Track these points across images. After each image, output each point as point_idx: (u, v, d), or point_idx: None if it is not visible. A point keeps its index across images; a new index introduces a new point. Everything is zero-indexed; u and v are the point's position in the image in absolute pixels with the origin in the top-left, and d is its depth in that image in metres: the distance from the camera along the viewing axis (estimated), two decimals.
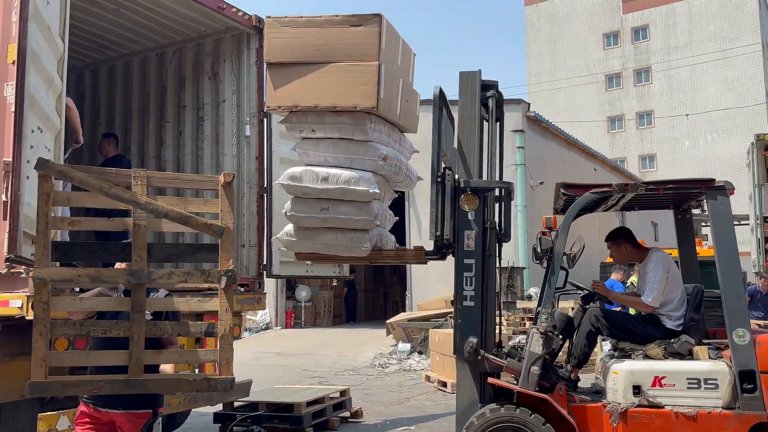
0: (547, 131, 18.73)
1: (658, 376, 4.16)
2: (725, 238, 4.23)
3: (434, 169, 4.55)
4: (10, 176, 3.98)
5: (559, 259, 4.50)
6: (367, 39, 4.54)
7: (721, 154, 42.20)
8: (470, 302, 4.57)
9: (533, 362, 4.28)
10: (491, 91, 4.79)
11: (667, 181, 4.51)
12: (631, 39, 46.37)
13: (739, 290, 4.16)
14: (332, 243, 4.69)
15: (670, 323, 4.60)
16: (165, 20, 6.52)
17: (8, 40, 4.56)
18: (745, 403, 3.96)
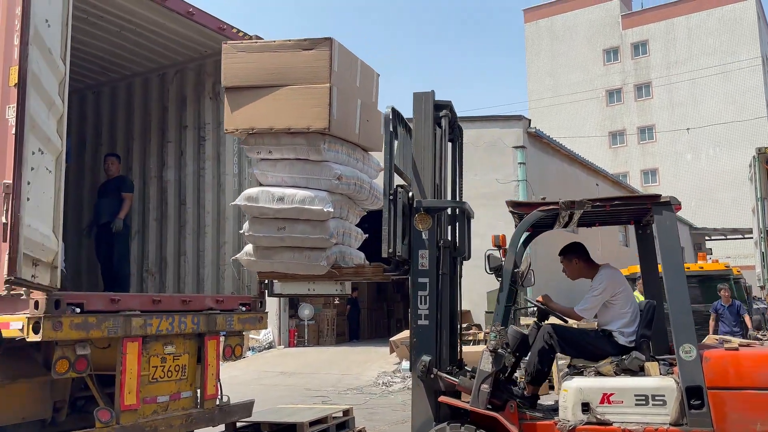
0: (548, 147, 18.75)
1: (606, 393, 4.15)
2: (671, 253, 4.23)
3: (386, 187, 4.61)
4: (11, 198, 3.98)
5: (508, 276, 4.50)
6: (318, 62, 4.72)
7: (723, 167, 42.20)
8: (425, 321, 4.58)
9: (483, 380, 4.29)
10: (444, 111, 4.84)
11: (614, 198, 4.53)
12: (631, 54, 46.59)
13: (685, 306, 4.16)
14: (290, 262, 4.81)
15: (623, 339, 4.61)
16: (167, 42, 6.57)
17: (10, 62, 4.59)
18: (692, 419, 3.94)
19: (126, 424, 5.03)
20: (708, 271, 15.34)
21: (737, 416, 3.88)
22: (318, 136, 4.71)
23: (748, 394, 3.88)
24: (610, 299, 4.73)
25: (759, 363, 3.99)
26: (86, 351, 4.86)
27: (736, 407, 3.89)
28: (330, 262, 4.86)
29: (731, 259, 29.17)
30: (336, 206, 4.87)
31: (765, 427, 3.81)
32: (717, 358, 4.04)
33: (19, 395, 5.01)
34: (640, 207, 4.53)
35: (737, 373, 3.96)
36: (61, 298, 4.63)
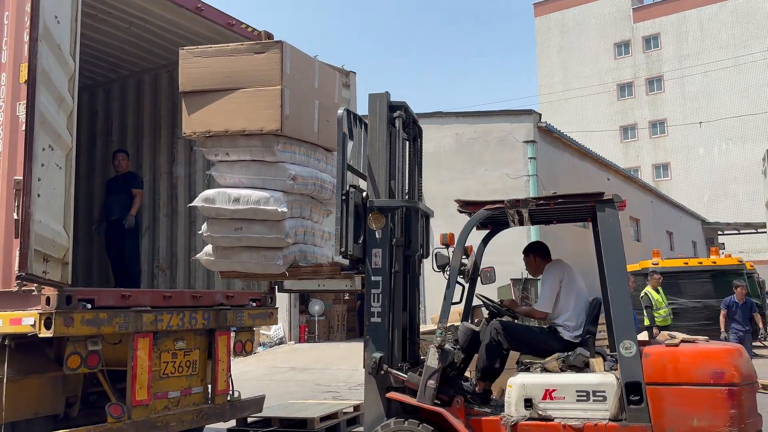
0: (559, 141, 18.66)
1: (548, 389, 4.18)
2: (613, 251, 4.22)
3: (339, 188, 4.68)
4: (21, 194, 4.00)
5: (455, 274, 4.54)
6: (270, 65, 4.85)
7: (735, 161, 41.84)
8: (377, 318, 4.64)
9: (429, 376, 4.35)
10: (398, 112, 4.89)
11: (558, 195, 4.53)
12: (642, 48, 46.23)
13: (626, 303, 4.15)
14: (248, 261, 4.92)
15: (568, 335, 4.65)
16: (176, 37, 6.57)
17: (20, 59, 4.62)
18: (631, 415, 3.97)
19: (137, 420, 5.05)
20: (721, 266, 15.23)
21: (674, 412, 3.91)
22: (272, 137, 4.83)
23: (685, 390, 3.91)
24: (558, 292, 4.77)
25: (696, 359, 4.01)
26: (98, 347, 4.89)
27: (673, 403, 3.91)
28: (287, 262, 4.95)
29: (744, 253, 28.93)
30: (293, 206, 4.98)
31: (701, 422, 3.84)
32: (656, 354, 4.07)
33: (31, 390, 5.04)
34: (582, 205, 4.53)
35: (675, 369, 3.98)
36: (73, 293, 4.66)
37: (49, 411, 5.19)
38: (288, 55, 4.91)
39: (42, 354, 5.19)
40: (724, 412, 3.81)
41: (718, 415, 3.82)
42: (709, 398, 3.85)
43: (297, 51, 5.10)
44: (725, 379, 3.86)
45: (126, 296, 5.17)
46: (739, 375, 3.90)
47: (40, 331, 4.50)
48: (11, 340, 4.82)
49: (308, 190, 5.09)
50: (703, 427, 3.83)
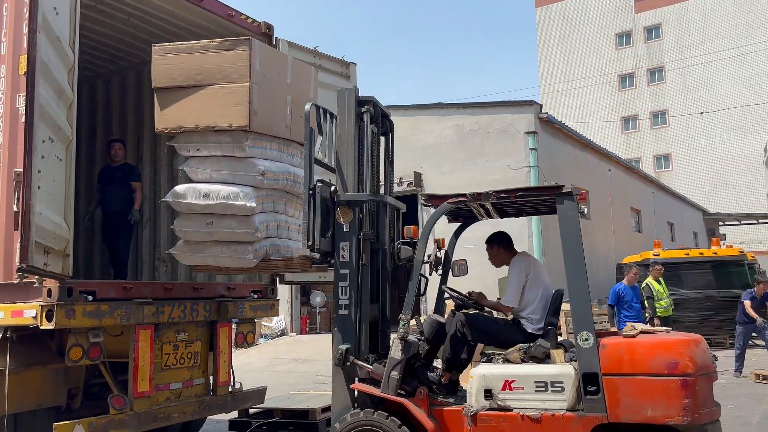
0: (560, 132, 18.61)
1: (508, 380, 4.24)
2: (572, 243, 4.25)
3: (306, 183, 4.72)
4: (22, 186, 3.99)
5: (419, 267, 4.59)
6: (238, 62, 4.93)
7: (737, 152, 41.75)
8: (344, 311, 4.71)
9: (393, 367, 4.42)
10: (366, 107, 4.94)
11: (518, 189, 4.57)
12: (643, 38, 46.05)
13: (584, 295, 4.19)
14: (219, 255, 5.00)
15: (531, 327, 4.69)
16: (175, 29, 6.55)
17: (20, 51, 4.61)
18: (587, 405, 4.02)
19: (140, 411, 5.07)
20: (722, 256, 15.23)
21: (629, 402, 3.95)
22: (241, 133, 4.91)
23: (640, 380, 3.95)
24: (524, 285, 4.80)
25: (652, 350, 4.05)
26: (99, 338, 4.90)
27: (628, 393, 3.95)
28: (258, 256, 5.01)
29: (745, 244, 28.93)
30: (265, 201, 5.04)
31: (655, 412, 3.88)
32: (613, 345, 4.11)
33: (33, 382, 5.06)
34: (542, 197, 4.56)
35: (631, 360, 4.02)
36: (74, 286, 4.66)
37: (51, 403, 5.21)
38: (257, 52, 4.99)
39: (44, 346, 5.20)
40: (678, 402, 3.86)
41: (671, 404, 3.87)
42: (663, 388, 3.89)
43: (267, 48, 5.22)
44: (679, 370, 3.91)
45: (127, 288, 5.18)
46: (693, 365, 3.94)
47: (41, 323, 4.51)
48: (13, 332, 4.83)
49: (280, 185, 5.16)
50: (657, 417, 3.88)
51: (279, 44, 6.67)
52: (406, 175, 17.83)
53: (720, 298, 14.41)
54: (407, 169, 17.94)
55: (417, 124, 18.35)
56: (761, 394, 8.99)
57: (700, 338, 4.30)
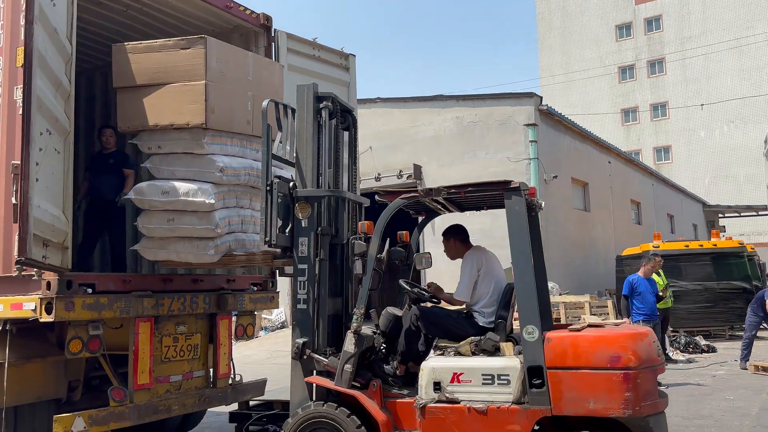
0: (560, 124, 18.58)
1: (456, 373, 4.28)
2: (519, 237, 4.30)
3: (264, 179, 4.78)
4: (19, 179, 3.98)
5: (372, 262, 4.64)
6: (194, 60, 5.02)
7: (737, 144, 41.70)
8: (303, 305, 4.78)
9: (346, 361, 4.49)
10: (324, 103, 5.00)
11: (468, 184, 4.60)
12: (644, 30, 45.91)
13: (530, 289, 4.21)
14: (181, 251, 5.06)
15: (483, 320, 4.72)
16: (172, 20, 6.52)
17: (17, 43, 4.58)
18: (532, 398, 4.07)
19: (140, 403, 5.08)
20: (721, 248, 15.23)
21: (573, 395, 3.99)
22: (199, 130, 4.98)
23: (583, 374, 3.99)
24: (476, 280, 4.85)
25: (595, 344, 4.08)
26: (99, 331, 4.90)
27: (572, 386, 4.00)
28: (220, 251, 5.06)
29: (745, 236, 28.93)
30: (226, 197, 5.10)
31: (597, 404, 3.92)
32: (557, 339, 4.14)
33: (33, 375, 5.06)
34: (491, 192, 4.59)
35: (575, 353, 4.06)
36: (73, 278, 4.66)
37: (51, 395, 5.21)
38: (213, 50, 5.08)
39: (44, 339, 5.20)
40: (619, 395, 3.90)
41: (613, 398, 3.91)
42: (605, 381, 3.93)
43: (225, 45, 5.31)
44: (621, 363, 3.94)
45: (127, 281, 5.18)
46: (636, 359, 3.98)
47: (41, 315, 4.51)
48: (12, 325, 4.83)
49: (241, 180, 5.21)
50: (599, 410, 3.93)
51: (278, 36, 6.65)
52: (406, 167, 17.81)
53: (720, 290, 14.42)
54: (407, 162, 17.91)
55: (417, 117, 18.32)
56: (760, 386, 9.00)
57: (648, 332, 4.36)
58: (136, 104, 5.10)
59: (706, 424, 6.79)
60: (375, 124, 18.09)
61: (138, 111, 5.10)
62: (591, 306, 11.61)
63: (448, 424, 4.22)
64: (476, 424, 4.14)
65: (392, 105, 18.84)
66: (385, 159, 17.83)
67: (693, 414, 7.29)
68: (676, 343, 12.56)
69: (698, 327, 14.20)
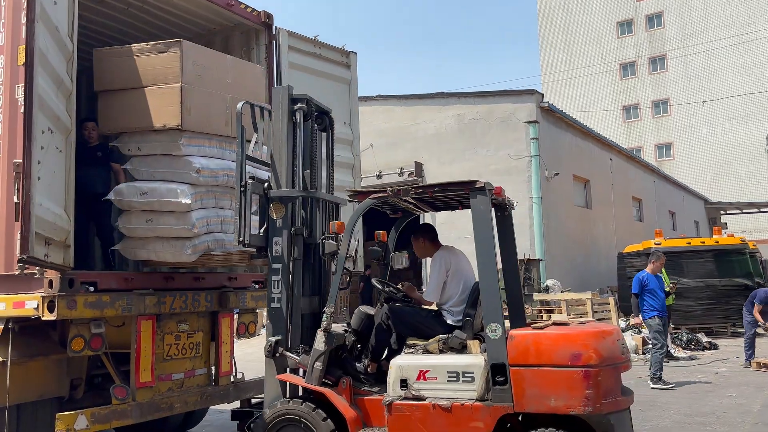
0: (561, 121, 18.57)
1: (422, 370, 4.34)
2: (484, 236, 4.33)
3: (238, 179, 4.87)
4: (21, 177, 3.98)
5: (343, 261, 4.69)
6: (170, 63, 5.14)
7: (739, 140, 41.64)
8: (277, 304, 4.85)
9: (316, 358, 4.56)
10: (299, 104, 5.06)
11: (435, 184, 4.66)
12: (645, 26, 45.82)
13: (494, 287, 4.24)
14: (160, 250, 5.16)
15: (451, 318, 4.78)
16: (174, 18, 6.51)
17: (18, 42, 4.58)
18: (495, 395, 4.11)
19: (142, 401, 5.08)
20: (723, 245, 15.22)
21: (535, 392, 4.03)
22: (176, 132, 5.09)
23: (544, 371, 4.03)
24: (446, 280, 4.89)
25: (557, 342, 4.11)
26: (101, 329, 4.90)
27: (534, 383, 4.04)
28: (197, 251, 5.15)
29: (747, 233, 28.91)
30: (204, 198, 5.19)
31: (558, 402, 3.96)
32: (520, 337, 4.18)
33: (36, 373, 5.07)
34: (458, 192, 4.61)
35: (537, 351, 4.09)
36: (75, 276, 4.66)
37: (53, 393, 5.22)
38: (190, 54, 5.20)
39: (46, 337, 5.20)
40: (580, 392, 3.93)
41: (573, 395, 3.94)
42: (566, 379, 3.97)
43: (202, 49, 5.44)
44: (582, 361, 3.97)
45: (129, 279, 5.18)
46: (597, 357, 4.00)
47: (43, 314, 4.52)
48: (15, 323, 4.83)
49: (219, 181, 5.30)
50: (560, 407, 3.96)
51: (279, 33, 6.64)
52: (408, 165, 17.82)
53: (721, 286, 14.42)
54: (408, 159, 17.92)
55: (418, 114, 18.31)
56: (762, 383, 9.00)
57: (613, 330, 4.37)
58: (116, 107, 5.22)
59: (708, 421, 6.79)
60: (376, 121, 18.09)
61: (118, 114, 5.20)
62: (593, 303, 11.60)
63: (414, 421, 4.26)
64: (441, 421, 4.19)
65: (393, 102, 18.84)
66: (386, 156, 17.83)
67: (695, 411, 7.29)
68: (678, 340, 12.56)
69: (700, 324, 14.20)
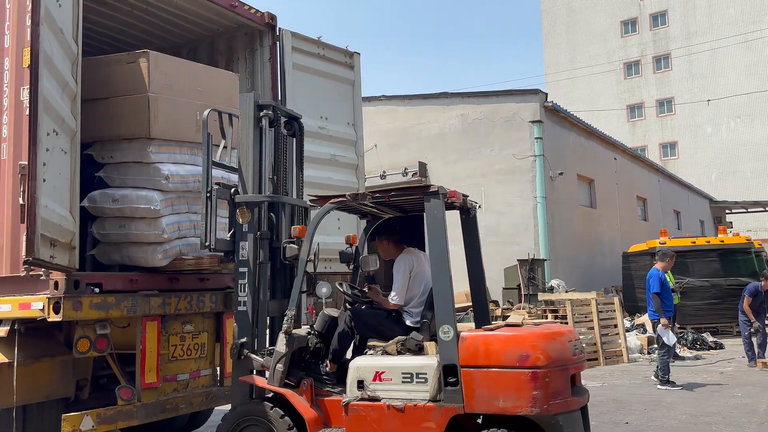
0: (565, 121, 18.54)
1: (378, 372, 4.41)
2: (437, 240, 4.38)
3: (204, 185, 5.01)
4: (27, 179, 4.00)
5: (303, 264, 4.76)
6: (138, 73, 5.29)
7: (744, 139, 41.50)
8: (243, 307, 4.94)
9: (278, 360, 4.64)
10: (264, 111, 5.17)
11: (391, 189, 4.73)
12: (649, 25, 45.71)
13: (446, 290, 4.29)
14: (133, 255, 5.26)
15: (410, 320, 4.86)
16: (178, 20, 6.53)
17: (23, 44, 4.59)
18: (447, 395, 4.16)
19: (147, 402, 5.10)
20: (728, 244, 15.18)
21: (484, 393, 4.08)
22: (145, 140, 5.23)
23: (493, 373, 4.08)
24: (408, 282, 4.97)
25: (506, 343, 4.15)
26: (106, 330, 4.92)
27: (483, 384, 4.09)
28: (169, 255, 5.27)
29: (752, 232, 28.83)
30: (175, 203, 5.32)
31: (506, 403, 4.01)
32: (471, 338, 4.23)
33: (42, 374, 5.08)
34: (414, 196, 4.66)
35: (486, 352, 4.14)
36: (81, 278, 4.68)
37: (59, 394, 5.23)
38: (158, 63, 5.33)
39: (52, 338, 5.22)
40: (527, 393, 3.97)
41: (521, 396, 3.99)
42: (514, 380, 4.02)
43: (170, 59, 5.58)
44: (529, 362, 4.01)
45: (134, 280, 5.19)
46: (544, 358, 4.03)
47: (49, 315, 4.53)
48: (21, 324, 4.85)
49: (190, 187, 5.42)
50: (508, 408, 4.01)
51: (283, 34, 6.66)
52: (411, 165, 17.82)
53: (727, 286, 14.38)
54: (412, 159, 17.93)
55: (422, 114, 18.31)
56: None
57: (565, 331, 4.41)
58: (90, 116, 5.28)
59: (713, 421, 6.78)
60: (380, 121, 18.09)
61: (91, 122, 5.28)
62: (597, 303, 11.57)
63: (369, 422, 4.33)
64: (395, 422, 4.25)
65: (397, 102, 18.84)
66: (390, 157, 17.83)
67: (700, 411, 7.28)
68: (684, 340, 12.53)
69: (705, 324, 14.16)
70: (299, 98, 6.71)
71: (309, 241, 4.76)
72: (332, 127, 7.10)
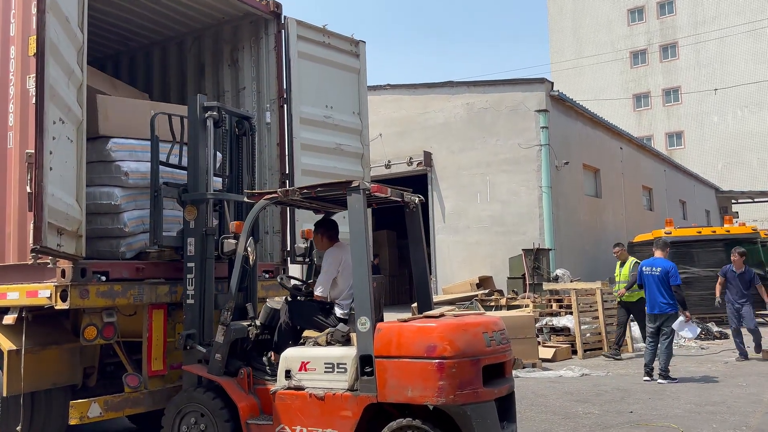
0: (571, 110, 18.45)
1: (304, 361, 4.55)
2: (358, 234, 4.48)
3: (151, 184, 5.24)
4: (34, 168, 4.01)
5: (240, 259, 4.93)
6: (93, 75, 5.40)
7: (750, 129, 41.26)
8: (191, 300, 5.13)
9: (216, 351, 4.84)
10: (209, 112, 5.33)
11: (317, 185, 4.84)
12: (656, 14, 45.37)
13: (365, 283, 4.40)
14: (101, 249, 5.40)
15: (340, 311, 5.05)
16: (183, 8, 6.52)
17: (29, 32, 4.60)
18: (362, 385, 4.29)
19: (154, 390, 5.14)
20: (734, 234, 15.12)
21: (395, 382, 4.18)
22: (104, 139, 5.34)
23: (403, 363, 4.17)
24: (336, 275, 5.15)
25: (416, 334, 4.22)
26: (113, 318, 4.95)
27: (394, 374, 4.19)
28: (133, 249, 5.38)
29: (758, 222, 28.72)
30: (137, 199, 5.41)
31: (414, 392, 4.10)
32: (386, 329, 4.31)
33: (49, 361, 5.12)
34: (338, 192, 4.75)
35: (398, 343, 4.23)
36: (87, 266, 4.71)
37: (67, 381, 5.27)
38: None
39: (59, 326, 5.26)
40: (434, 383, 4.05)
41: (428, 386, 4.07)
42: (421, 370, 4.10)
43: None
44: (436, 353, 4.08)
45: (140, 268, 5.22)
46: (452, 349, 4.08)
47: (56, 303, 4.56)
48: (28, 312, 4.89)
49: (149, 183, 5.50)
50: (416, 397, 4.10)
51: (288, 23, 6.63)
52: (416, 154, 17.77)
53: None
54: (417, 149, 17.87)
55: (427, 103, 18.25)
56: None
57: (482, 322, 4.45)
58: None
59: (718, 411, 6.78)
60: (385, 110, 18.04)
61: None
62: (602, 293, 11.55)
63: (294, 410, 4.47)
64: (315, 410, 4.40)
65: (402, 91, 18.77)
66: (395, 146, 17.79)
67: (705, 400, 7.28)
68: None
69: (710, 314, 14.14)
70: (304, 87, 6.70)
71: (246, 236, 4.93)
72: (337, 116, 7.09)
